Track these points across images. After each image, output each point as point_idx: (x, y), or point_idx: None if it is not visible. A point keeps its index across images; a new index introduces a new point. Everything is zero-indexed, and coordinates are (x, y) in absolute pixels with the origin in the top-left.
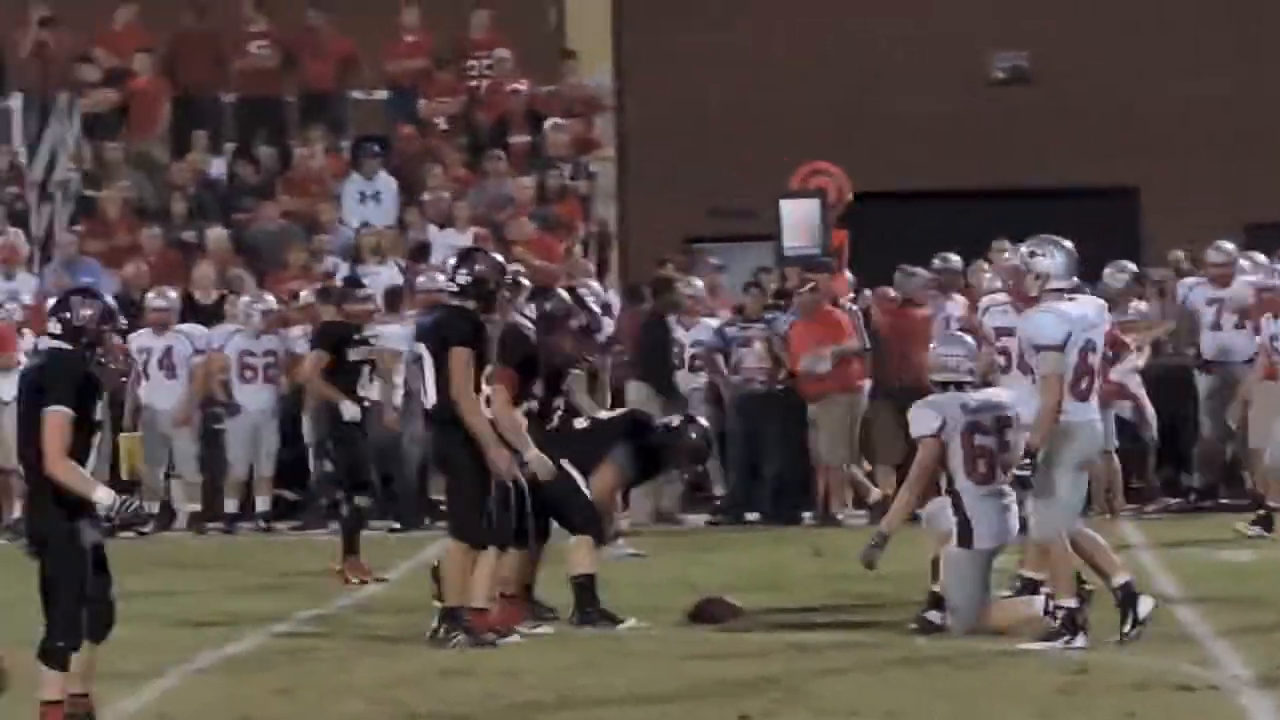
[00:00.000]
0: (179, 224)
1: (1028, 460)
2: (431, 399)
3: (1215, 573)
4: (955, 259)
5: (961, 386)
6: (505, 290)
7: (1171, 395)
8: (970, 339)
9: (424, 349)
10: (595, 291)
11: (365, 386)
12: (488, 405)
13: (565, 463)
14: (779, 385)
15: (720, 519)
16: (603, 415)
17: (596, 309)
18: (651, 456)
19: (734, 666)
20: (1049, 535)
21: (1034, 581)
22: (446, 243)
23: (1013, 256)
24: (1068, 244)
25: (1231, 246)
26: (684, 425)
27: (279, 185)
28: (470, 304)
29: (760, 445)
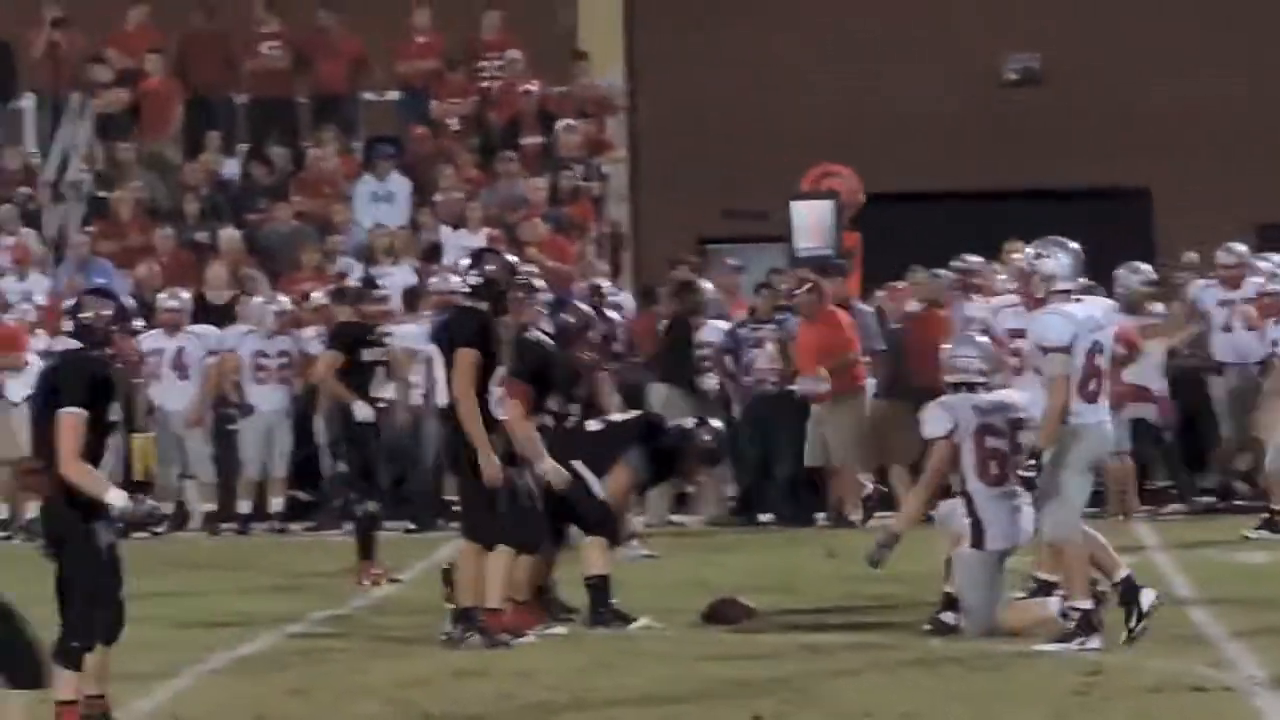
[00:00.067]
0: (191, 225)
1: (1032, 461)
2: (444, 399)
3: (1230, 574)
4: (975, 259)
5: (974, 388)
6: (518, 291)
7: (1186, 397)
8: (985, 340)
9: (435, 349)
10: (613, 292)
11: (379, 387)
12: (498, 404)
13: (579, 464)
14: (790, 386)
15: (732, 520)
16: (616, 418)
17: (616, 316)
18: (665, 458)
19: (747, 667)
20: (1062, 536)
21: (1048, 583)
22: (459, 243)
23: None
24: (1073, 245)
25: (1243, 248)
26: (697, 427)
27: (292, 186)
28: (482, 305)
29: (772, 446)
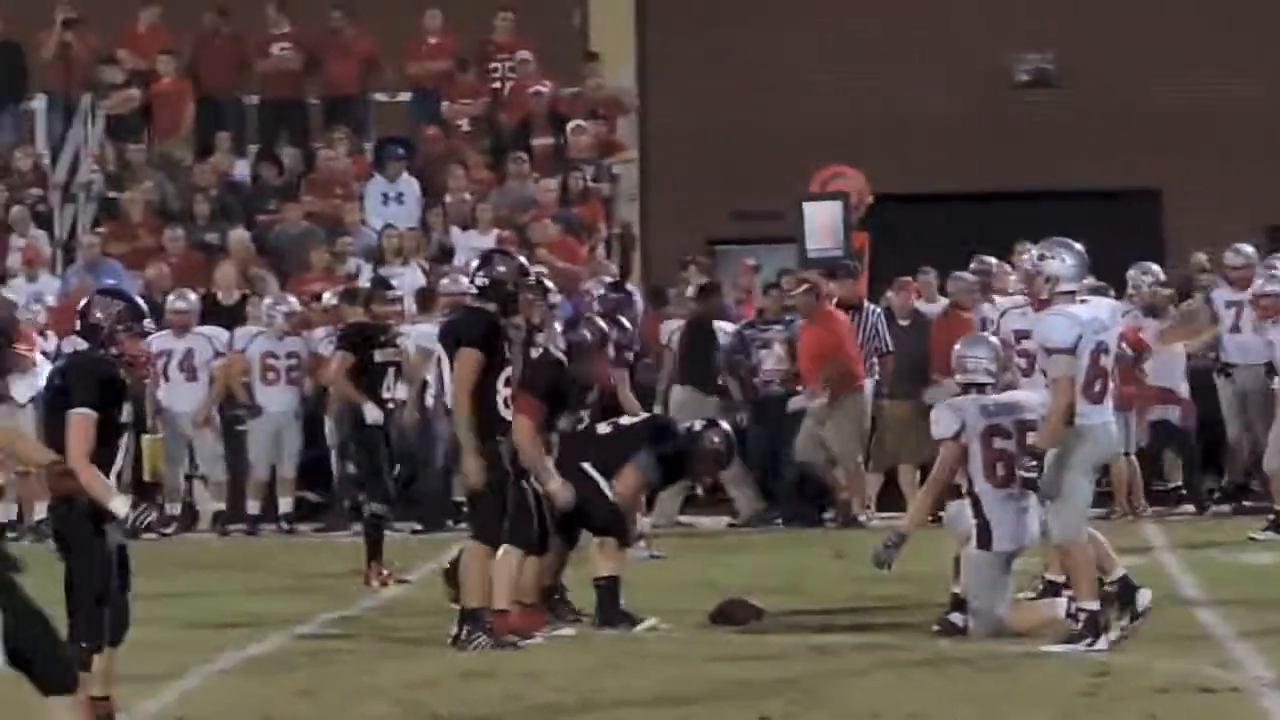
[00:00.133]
0: (202, 226)
1: (1034, 462)
2: (451, 400)
3: (1237, 575)
4: (992, 260)
5: (983, 388)
6: (528, 293)
7: (1198, 399)
8: (995, 340)
9: (442, 350)
10: (630, 293)
11: (391, 388)
12: (505, 407)
13: (588, 466)
14: (799, 387)
15: (738, 521)
16: (625, 420)
17: (628, 323)
18: (675, 461)
19: (755, 668)
20: (1070, 537)
21: (1056, 584)
22: (469, 244)
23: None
24: (1078, 246)
25: (1251, 249)
26: (706, 429)
27: (302, 187)
28: (489, 306)
29: (780, 447)
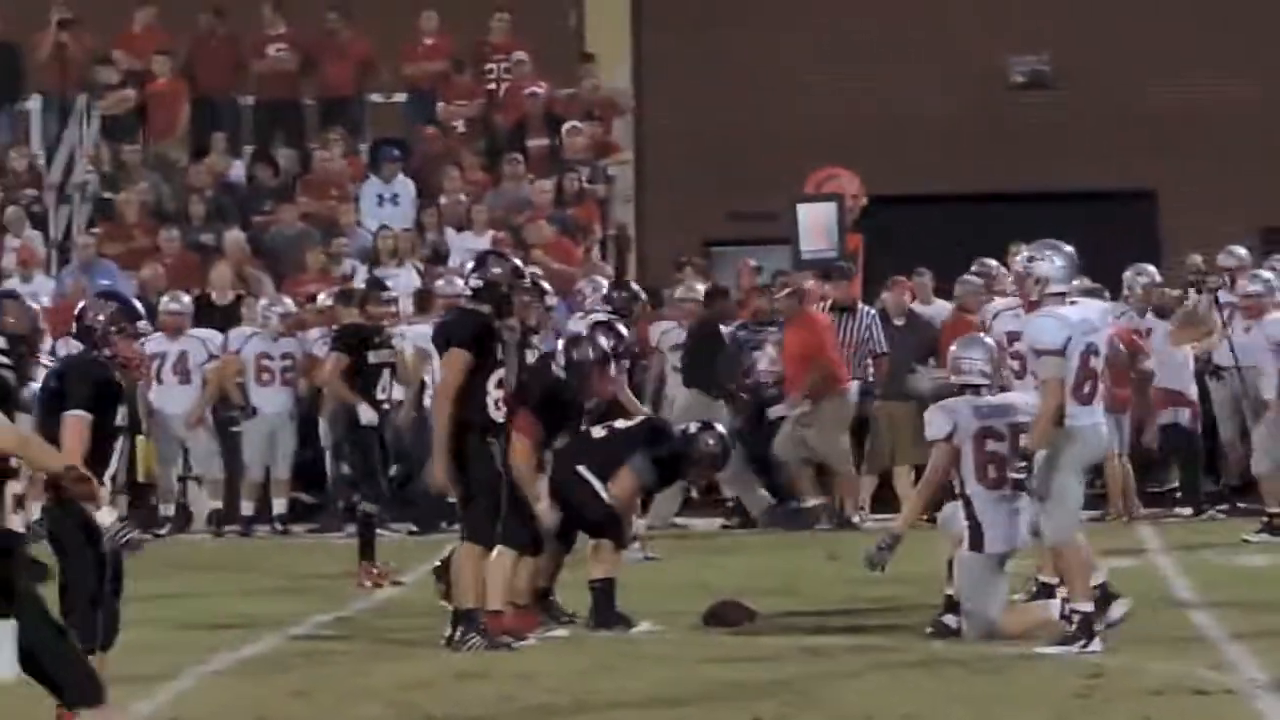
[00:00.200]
0: (197, 226)
1: (1024, 463)
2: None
3: (1232, 577)
4: (992, 263)
5: (978, 390)
6: (524, 295)
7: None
8: (990, 342)
9: (435, 351)
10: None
11: (385, 389)
12: (497, 409)
13: (583, 469)
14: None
15: (733, 522)
16: (620, 424)
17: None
18: (670, 463)
19: (748, 670)
20: (1062, 539)
21: (1050, 586)
22: (464, 246)
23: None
24: (1068, 248)
25: (1244, 251)
26: (700, 432)
27: (297, 188)
28: (484, 307)
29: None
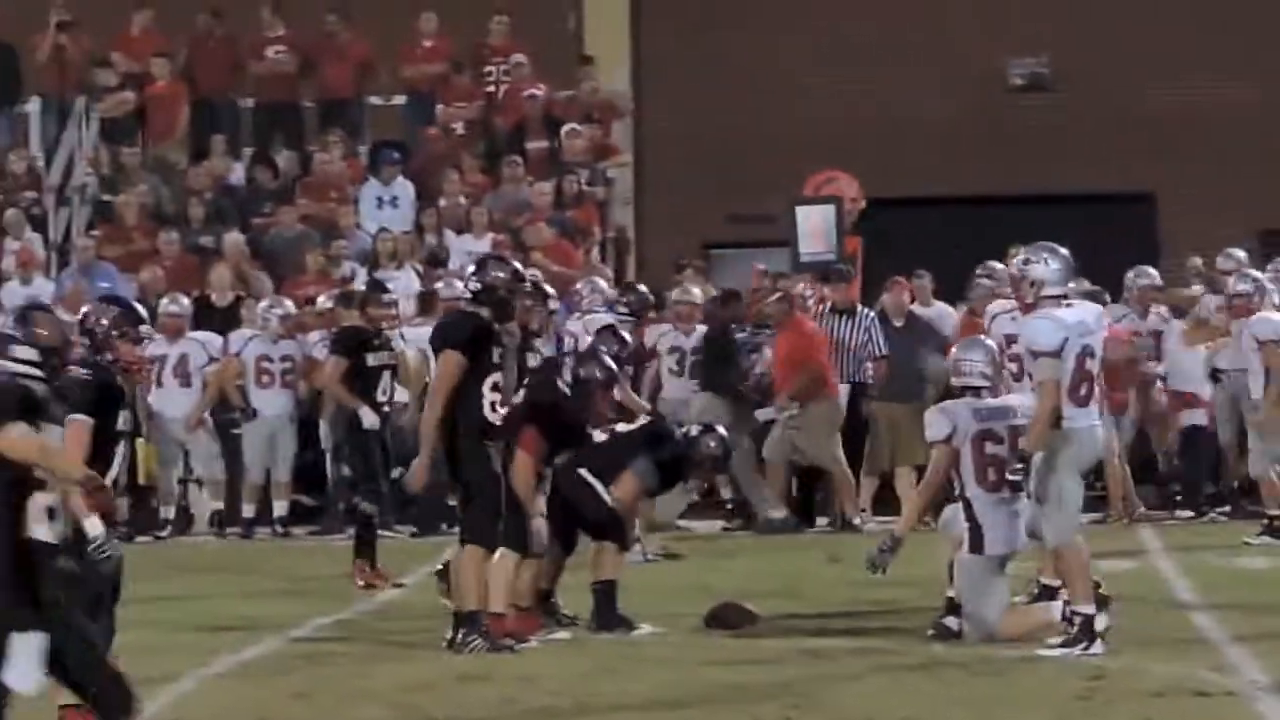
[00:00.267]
0: (196, 229)
1: (1021, 465)
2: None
3: (1232, 578)
4: (998, 265)
5: (978, 392)
6: (524, 299)
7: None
8: (992, 344)
9: (432, 352)
10: (645, 294)
11: (386, 390)
12: (492, 410)
13: (585, 472)
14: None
15: (733, 525)
16: (622, 428)
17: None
18: (672, 466)
19: (750, 672)
20: (1063, 540)
21: (1051, 588)
22: (463, 248)
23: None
24: (1063, 251)
25: (1243, 253)
26: (702, 435)
27: (297, 190)
28: (482, 311)
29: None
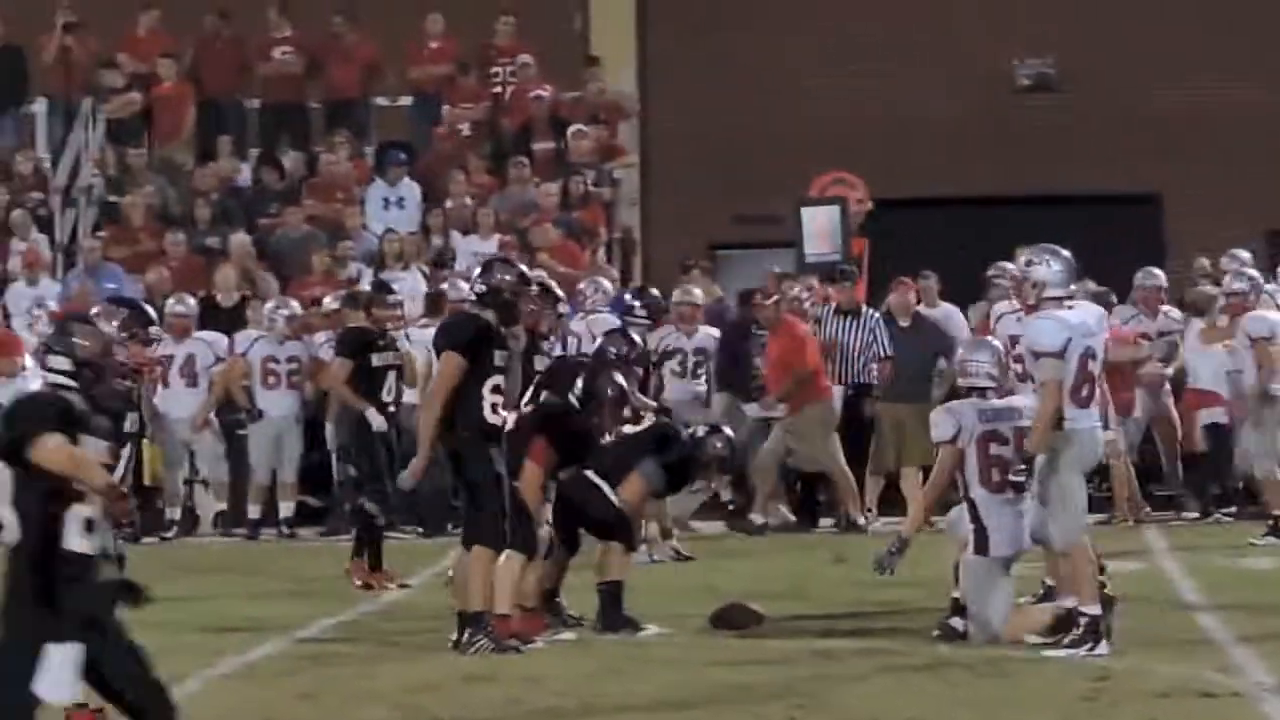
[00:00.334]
0: (203, 230)
1: (1023, 466)
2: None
3: (1238, 579)
4: (1008, 265)
5: (984, 393)
6: (531, 302)
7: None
8: (999, 345)
9: (434, 353)
10: (658, 297)
11: (391, 391)
12: (493, 411)
13: (591, 473)
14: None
15: (735, 525)
16: (628, 429)
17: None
18: (679, 467)
19: (755, 673)
20: (1071, 540)
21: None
22: (469, 249)
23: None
24: (1065, 253)
25: (1246, 254)
26: (708, 435)
27: (303, 191)
28: (486, 313)
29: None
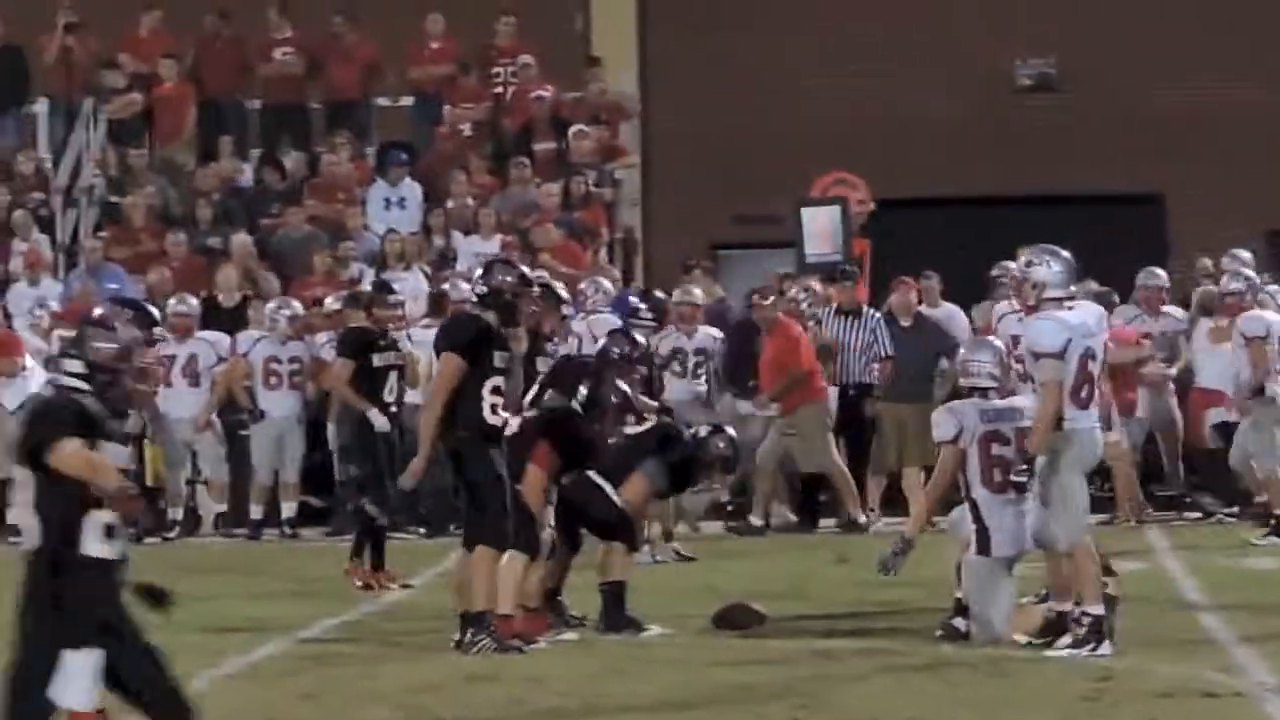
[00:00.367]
0: (204, 230)
1: (1023, 466)
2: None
3: (1240, 579)
4: (1011, 265)
5: (985, 393)
6: (533, 303)
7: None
8: (1000, 345)
9: (435, 354)
10: (662, 299)
11: (393, 391)
12: (492, 412)
13: (593, 473)
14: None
15: (734, 526)
16: (631, 430)
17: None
18: (681, 468)
19: (757, 673)
20: (1074, 540)
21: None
22: (471, 249)
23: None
24: (1065, 254)
25: (1246, 254)
26: (711, 436)
27: (305, 191)
28: (487, 314)
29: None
